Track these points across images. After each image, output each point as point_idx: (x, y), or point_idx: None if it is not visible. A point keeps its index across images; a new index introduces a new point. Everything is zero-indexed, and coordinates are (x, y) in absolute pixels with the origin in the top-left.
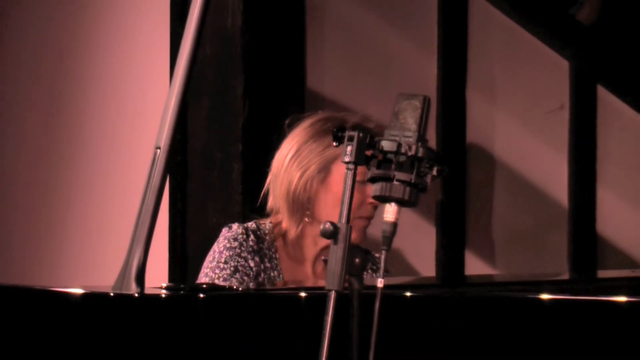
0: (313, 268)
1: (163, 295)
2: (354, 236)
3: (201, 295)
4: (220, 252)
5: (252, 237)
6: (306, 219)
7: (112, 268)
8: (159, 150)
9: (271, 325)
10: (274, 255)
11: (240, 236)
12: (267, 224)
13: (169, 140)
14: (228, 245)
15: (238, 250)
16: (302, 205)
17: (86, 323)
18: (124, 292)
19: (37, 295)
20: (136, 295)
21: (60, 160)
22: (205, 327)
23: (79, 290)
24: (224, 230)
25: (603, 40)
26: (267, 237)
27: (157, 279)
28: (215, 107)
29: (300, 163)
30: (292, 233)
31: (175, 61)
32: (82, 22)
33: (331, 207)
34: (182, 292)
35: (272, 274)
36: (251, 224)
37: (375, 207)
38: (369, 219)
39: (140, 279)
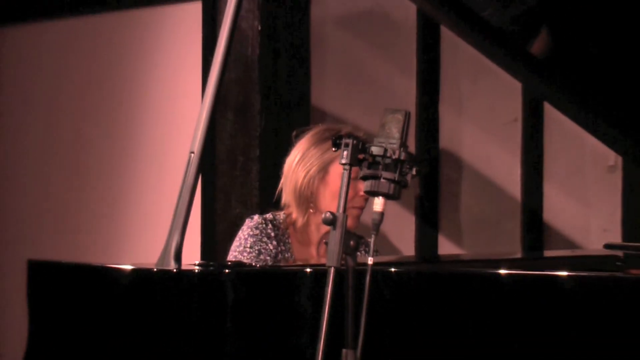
0: (317, 249)
1: (196, 271)
2: (350, 222)
3: (227, 271)
4: (246, 239)
5: (269, 225)
6: (310, 210)
7: (155, 249)
8: (192, 154)
9: (283, 295)
10: (287, 240)
11: (260, 225)
12: (281, 215)
13: (201, 146)
14: (251, 233)
15: (260, 237)
16: (307, 199)
17: (134, 292)
18: (165, 268)
19: (96, 270)
20: (175, 270)
21: (116, 163)
22: (230, 297)
23: (129, 266)
24: (247, 221)
25: (549, 67)
26: (281, 226)
27: (191, 258)
28: (238, 120)
29: (305, 165)
30: (300, 222)
31: (206, 83)
32: (133, 54)
33: (330, 200)
34: (211, 268)
35: (286, 255)
36: (268, 215)
37: (366, 199)
38: (361, 208)
39: (178, 257)
